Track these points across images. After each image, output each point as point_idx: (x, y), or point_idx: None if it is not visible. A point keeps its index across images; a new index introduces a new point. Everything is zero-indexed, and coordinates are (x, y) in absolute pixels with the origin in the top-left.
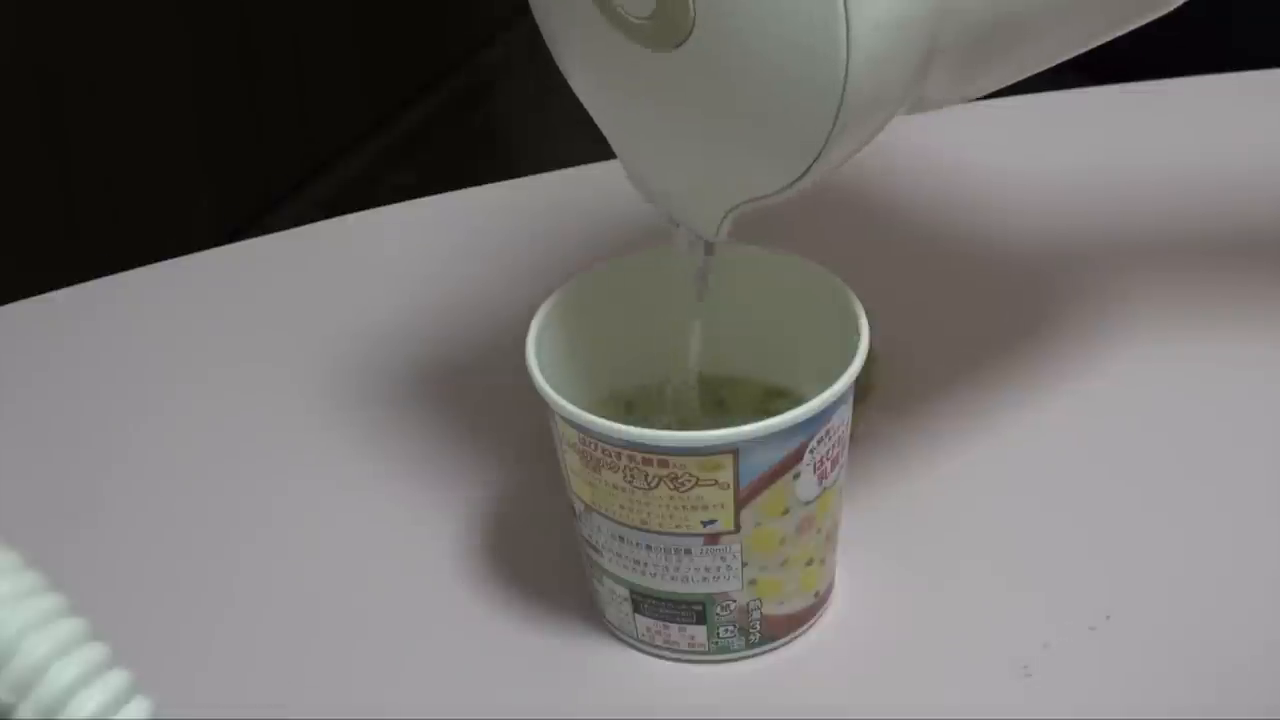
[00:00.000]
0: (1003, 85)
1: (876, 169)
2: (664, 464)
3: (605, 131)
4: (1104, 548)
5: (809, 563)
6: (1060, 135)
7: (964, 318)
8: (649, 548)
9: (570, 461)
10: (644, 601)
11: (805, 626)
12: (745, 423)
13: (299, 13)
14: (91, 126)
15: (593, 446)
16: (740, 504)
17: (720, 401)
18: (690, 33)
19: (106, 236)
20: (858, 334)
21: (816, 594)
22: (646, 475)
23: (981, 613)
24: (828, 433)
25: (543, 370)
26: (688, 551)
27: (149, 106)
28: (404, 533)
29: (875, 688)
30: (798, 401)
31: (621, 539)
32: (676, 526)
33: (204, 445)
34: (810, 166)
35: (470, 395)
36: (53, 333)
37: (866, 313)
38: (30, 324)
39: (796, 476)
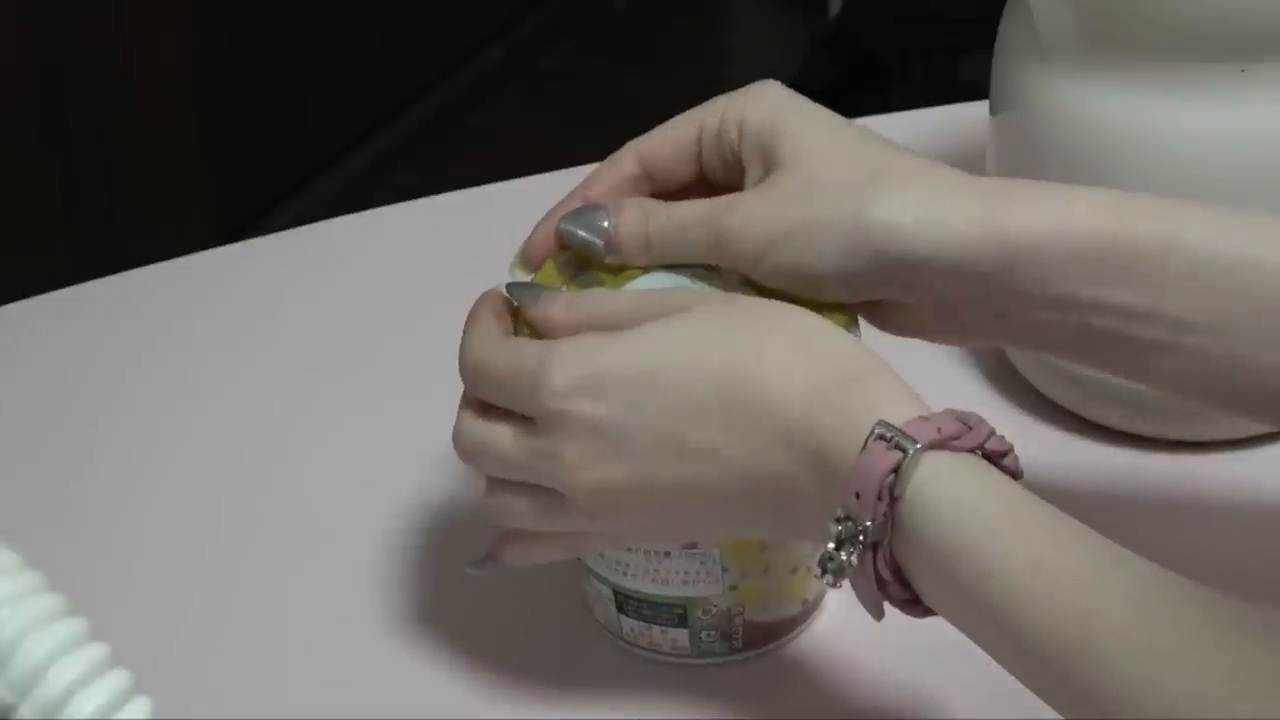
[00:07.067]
0: None
1: None
2: None
3: None
4: None
5: (794, 570)
6: None
7: None
8: (630, 549)
9: None
10: (627, 602)
11: (794, 633)
12: None
13: (299, 12)
14: (92, 126)
15: None
16: None
17: None
18: None
19: (106, 236)
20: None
21: (804, 601)
22: None
23: None
24: None
25: None
26: (667, 554)
27: (150, 106)
28: (400, 532)
29: (870, 693)
30: None
31: None
32: None
33: (204, 445)
34: None
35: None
36: (53, 333)
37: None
38: (30, 324)
39: None
